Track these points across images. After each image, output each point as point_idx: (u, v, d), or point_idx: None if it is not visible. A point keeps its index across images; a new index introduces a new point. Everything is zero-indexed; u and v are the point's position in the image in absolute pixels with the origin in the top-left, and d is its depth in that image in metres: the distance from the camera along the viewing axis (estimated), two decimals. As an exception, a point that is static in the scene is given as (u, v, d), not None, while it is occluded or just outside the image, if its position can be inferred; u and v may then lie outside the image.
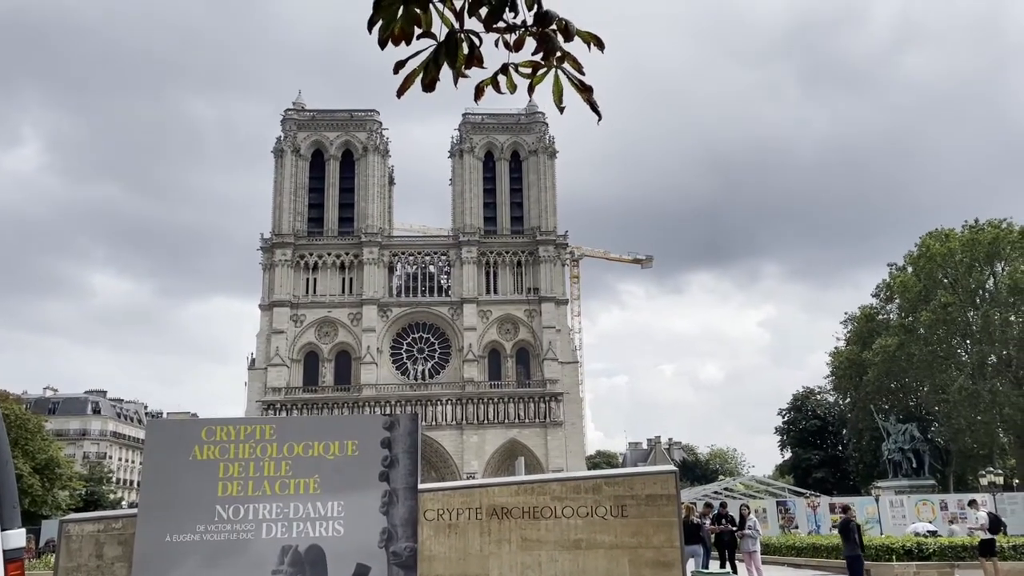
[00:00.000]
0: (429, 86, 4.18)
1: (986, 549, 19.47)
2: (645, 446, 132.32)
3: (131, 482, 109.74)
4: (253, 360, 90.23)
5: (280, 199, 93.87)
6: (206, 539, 11.62)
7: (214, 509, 11.73)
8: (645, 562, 11.80)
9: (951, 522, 34.37)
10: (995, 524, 20.20)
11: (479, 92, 4.30)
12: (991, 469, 51.86)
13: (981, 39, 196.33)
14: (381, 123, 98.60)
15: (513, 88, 4.24)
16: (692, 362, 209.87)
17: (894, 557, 21.17)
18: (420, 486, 12.10)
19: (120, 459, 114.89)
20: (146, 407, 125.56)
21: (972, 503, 22.71)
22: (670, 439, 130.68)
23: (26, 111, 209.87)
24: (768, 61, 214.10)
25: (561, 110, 4.20)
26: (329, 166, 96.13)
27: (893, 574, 20.36)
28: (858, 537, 18.56)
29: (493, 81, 4.23)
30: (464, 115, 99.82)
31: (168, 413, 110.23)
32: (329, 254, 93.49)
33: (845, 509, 19.33)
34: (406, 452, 12.10)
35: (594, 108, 4.07)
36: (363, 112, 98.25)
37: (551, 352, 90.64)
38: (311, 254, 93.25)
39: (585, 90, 4.08)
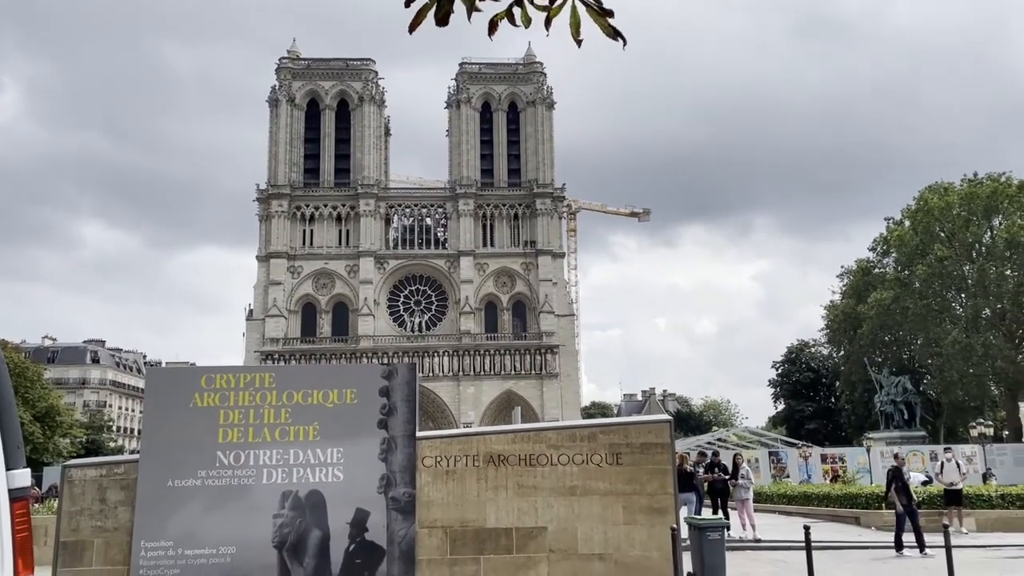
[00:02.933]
0: (442, 20, 4.05)
1: (952, 498, 19.97)
2: (640, 398, 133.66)
3: (131, 430, 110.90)
4: (251, 311, 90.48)
5: (276, 149, 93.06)
6: (207, 484, 11.81)
7: (215, 455, 11.90)
8: (639, 508, 12.02)
9: (938, 473, 34.84)
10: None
11: (493, 26, 4.11)
12: (981, 421, 52.58)
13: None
14: (377, 72, 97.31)
15: (528, 22, 4.05)
16: (686, 315, 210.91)
17: (884, 505, 21.59)
18: (418, 434, 12.26)
19: (120, 408, 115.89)
20: (145, 357, 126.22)
21: (947, 450, 23.06)
22: (664, 391, 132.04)
23: (3, 59, 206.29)
24: (760, 12, 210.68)
25: (579, 43, 4.09)
26: (325, 116, 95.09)
27: (883, 521, 20.80)
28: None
29: (508, 14, 4.06)
30: (461, 64, 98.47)
31: (167, 363, 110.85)
32: (326, 205, 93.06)
33: (895, 456, 18.41)
34: (404, 400, 12.24)
35: (617, 33, 3.97)
36: (359, 61, 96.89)
37: (547, 305, 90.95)
38: (307, 205, 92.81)
39: (604, 14, 3.95)
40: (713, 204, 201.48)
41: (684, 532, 12.65)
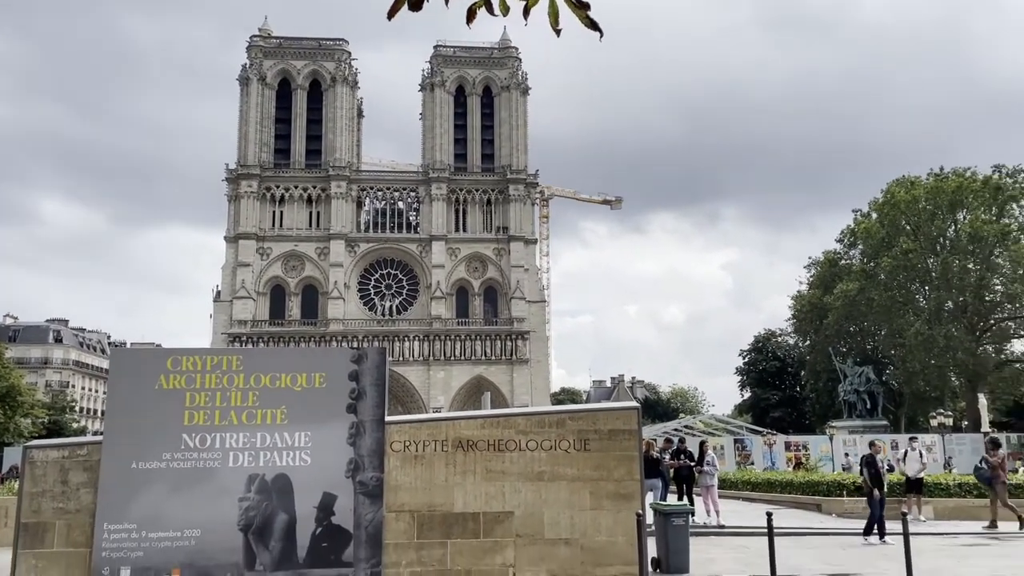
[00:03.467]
0: (416, 5, 4.00)
1: (913, 487, 20.41)
2: (609, 384, 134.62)
3: (95, 412, 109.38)
4: (218, 292, 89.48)
5: (246, 128, 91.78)
6: (172, 467, 11.71)
7: (180, 437, 11.80)
8: (606, 494, 12.14)
9: (900, 460, 35.58)
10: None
11: (471, 15, 4.06)
12: (941, 411, 53.78)
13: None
14: (350, 53, 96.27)
15: (506, 10, 4.01)
16: (656, 303, 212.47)
17: (844, 493, 22.04)
18: (387, 418, 12.25)
19: (83, 388, 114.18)
20: (109, 337, 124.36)
21: (912, 439, 23.55)
22: (633, 378, 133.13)
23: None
24: (731, 4, 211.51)
25: (558, 32, 4.07)
26: (296, 96, 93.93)
27: (843, 508, 21.23)
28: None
29: (486, 3, 4.02)
30: (436, 47, 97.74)
31: (132, 344, 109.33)
32: (296, 187, 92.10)
33: (871, 444, 18.58)
34: (374, 385, 12.21)
35: (594, 24, 3.96)
36: (332, 41, 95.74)
37: (519, 291, 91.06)
38: (278, 186, 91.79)
39: (582, 7, 3.93)
40: (682, 193, 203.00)
41: (649, 518, 12.79)
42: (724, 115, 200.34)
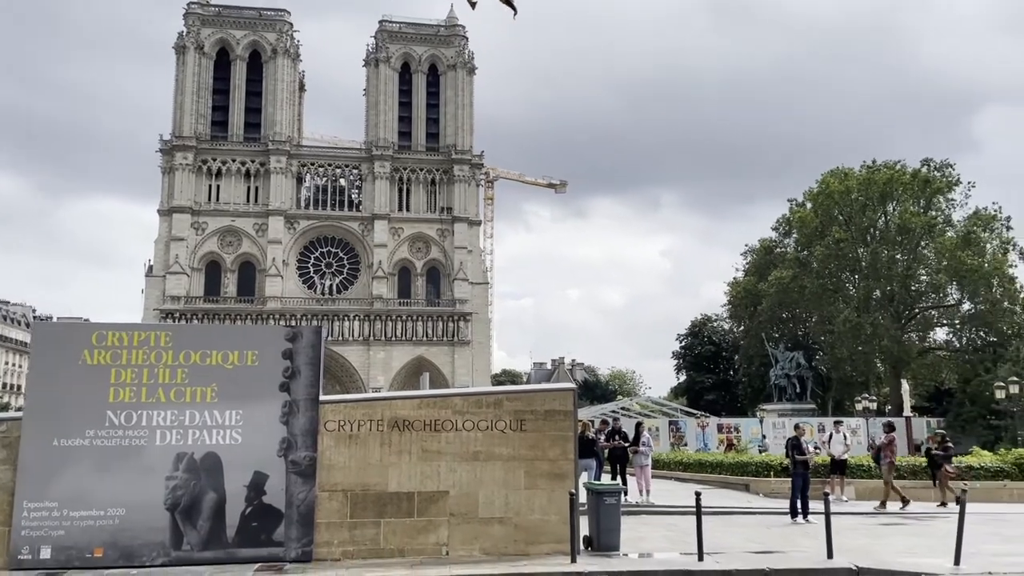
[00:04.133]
0: None
1: (837, 467, 21.21)
2: (549, 366, 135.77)
3: (18, 387, 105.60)
4: (151, 267, 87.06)
5: (182, 99, 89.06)
6: (96, 444, 11.41)
7: (104, 414, 11.49)
8: (540, 473, 12.26)
9: (825, 443, 36.88)
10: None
11: None
12: (866, 396, 55.65)
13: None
14: (292, 25, 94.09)
15: None
16: (596, 287, 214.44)
17: (772, 473, 22.72)
18: (322, 398, 12.13)
19: (5, 363, 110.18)
20: (34, 311, 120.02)
21: (837, 423, 24.42)
22: (573, 360, 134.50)
23: None
24: None
25: (473, 5, 4.05)
26: (235, 67, 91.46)
27: (770, 488, 21.88)
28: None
29: None
30: (381, 22, 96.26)
31: (58, 318, 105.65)
32: (234, 160, 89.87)
33: (796, 427, 19.04)
34: (308, 364, 12.07)
35: (508, 2, 3.95)
36: (273, 11, 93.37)
37: (462, 272, 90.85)
38: (214, 159, 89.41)
39: None
40: (624, 178, 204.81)
41: (583, 497, 12.96)
42: (665, 101, 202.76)
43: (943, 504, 19.92)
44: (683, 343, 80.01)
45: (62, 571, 10.85)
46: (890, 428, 21.68)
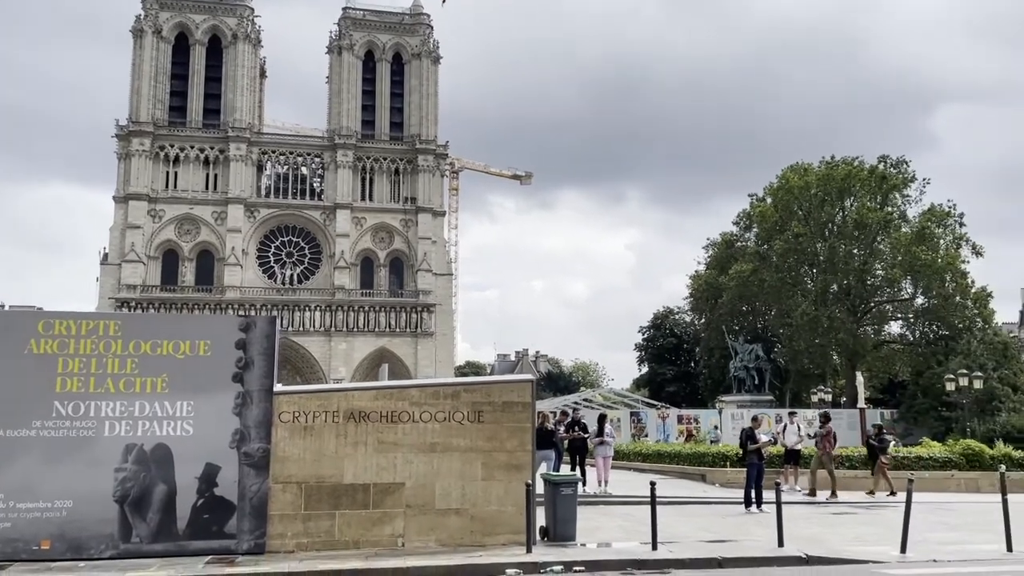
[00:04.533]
0: None
1: (791, 457, 21.59)
2: (513, 358, 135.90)
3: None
4: (106, 255, 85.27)
5: (139, 83, 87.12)
6: (43, 435, 11.17)
7: (52, 405, 11.25)
8: (498, 465, 12.26)
9: (780, 433, 37.53)
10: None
11: None
12: (821, 388, 56.71)
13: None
14: (253, 10, 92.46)
15: None
16: (561, 279, 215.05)
17: (728, 464, 23.04)
18: (276, 388, 11.98)
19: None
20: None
21: (791, 414, 24.86)
22: (537, 352, 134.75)
23: None
24: None
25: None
26: (194, 52, 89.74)
27: (726, 479, 22.18)
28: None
29: None
30: (345, 9, 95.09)
31: (10, 307, 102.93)
32: (192, 147, 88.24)
33: (755, 417, 19.25)
34: (262, 354, 11.91)
35: None
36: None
37: (426, 263, 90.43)
38: (172, 145, 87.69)
39: None
40: (589, 171, 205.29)
41: (540, 488, 13.00)
42: (631, 95, 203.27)
43: (871, 493, 20.42)
44: (645, 335, 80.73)
45: (8, 563, 10.61)
46: (826, 419, 22.11)
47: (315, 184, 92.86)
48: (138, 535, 11.15)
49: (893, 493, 20.13)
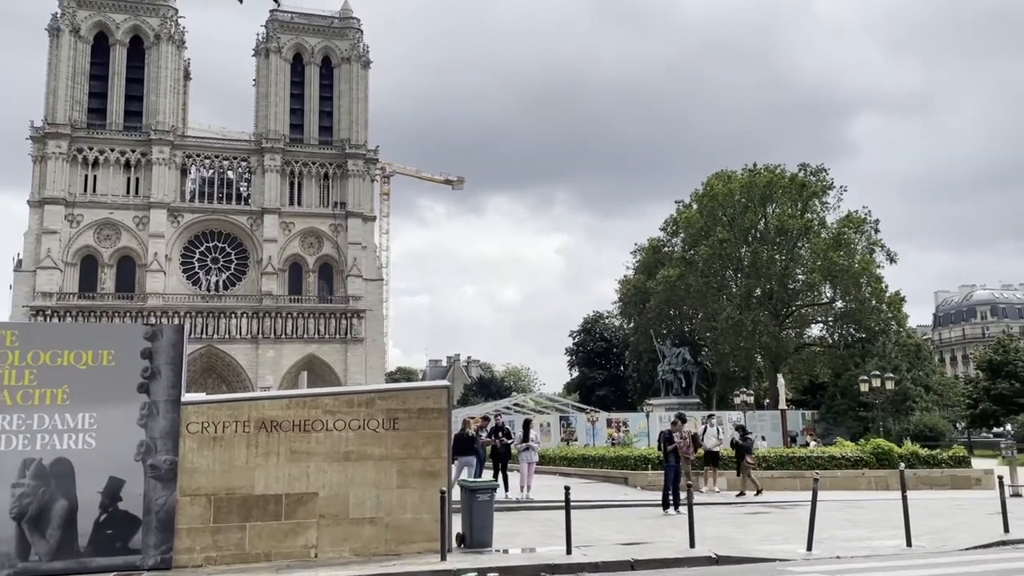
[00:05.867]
0: None
1: (710, 459, 22.11)
2: (445, 363, 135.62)
3: None
4: (20, 262, 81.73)
5: (55, 84, 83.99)
6: (-70, 451, 10.61)
7: (-59, 419, 10.70)
8: (413, 472, 12.20)
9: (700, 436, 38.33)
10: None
11: None
12: (744, 390, 58.10)
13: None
14: (177, 10, 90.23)
15: None
16: (492, 284, 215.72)
17: (649, 466, 23.41)
18: (184, 398, 11.68)
19: None
20: None
21: (709, 416, 25.40)
22: (469, 357, 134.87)
23: None
24: None
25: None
26: (115, 52, 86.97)
27: (647, 481, 22.53)
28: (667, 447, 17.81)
29: None
30: (272, 11, 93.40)
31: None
32: (112, 150, 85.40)
33: (674, 421, 19.52)
34: (169, 363, 11.60)
35: None
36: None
37: (356, 268, 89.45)
38: (91, 148, 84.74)
39: None
40: (517, 175, 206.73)
41: (457, 495, 12.98)
42: (558, 101, 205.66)
43: (741, 494, 21.04)
44: (576, 340, 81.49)
45: None
46: (681, 420, 22.67)
47: (242, 188, 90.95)
48: (37, 553, 10.71)
49: (759, 492, 20.73)
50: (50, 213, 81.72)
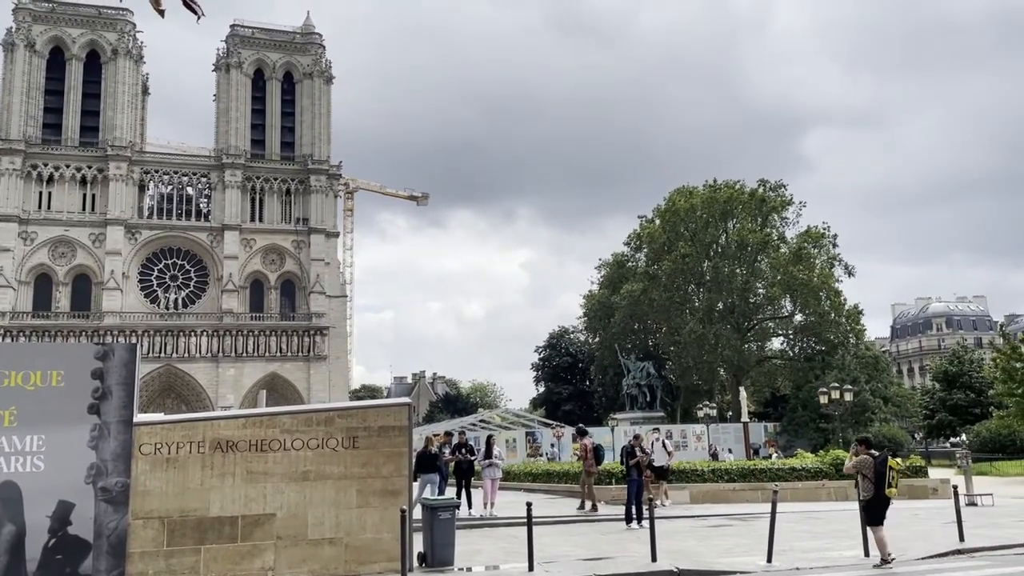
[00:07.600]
0: None
1: (659, 474, 22.19)
2: (410, 380, 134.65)
3: None
4: (-29, 281, 79.60)
5: (9, 99, 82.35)
6: None
7: None
8: (373, 491, 12.05)
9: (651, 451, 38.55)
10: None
11: None
12: (707, 403, 58.58)
13: (714, 5, 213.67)
14: (135, 25, 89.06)
15: None
16: (457, 299, 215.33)
17: (613, 481, 23.41)
18: (136, 419, 11.42)
19: None
20: None
21: (655, 430, 25.50)
22: (434, 373, 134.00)
23: None
24: (523, 5, 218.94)
25: (161, 13, 3.93)
26: (71, 67, 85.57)
27: (611, 496, 22.53)
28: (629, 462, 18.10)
29: None
30: (232, 26, 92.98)
31: None
32: (68, 166, 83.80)
33: (635, 436, 19.67)
34: (121, 383, 11.34)
35: (189, 6, 3.86)
36: (113, 10, 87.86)
37: (319, 285, 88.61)
38: (46, 164, 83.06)
39: None
40: (480, 190, 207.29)
41: (418, 513, 12.84)
42: (519, 115, 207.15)
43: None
44: (541, 355, 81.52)
45: None
46: (583, 434, 22.85)
47: (202, 205, 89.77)
48: (-19, 581, 10.35)
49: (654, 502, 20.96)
50: (3, 230, 79.85)
